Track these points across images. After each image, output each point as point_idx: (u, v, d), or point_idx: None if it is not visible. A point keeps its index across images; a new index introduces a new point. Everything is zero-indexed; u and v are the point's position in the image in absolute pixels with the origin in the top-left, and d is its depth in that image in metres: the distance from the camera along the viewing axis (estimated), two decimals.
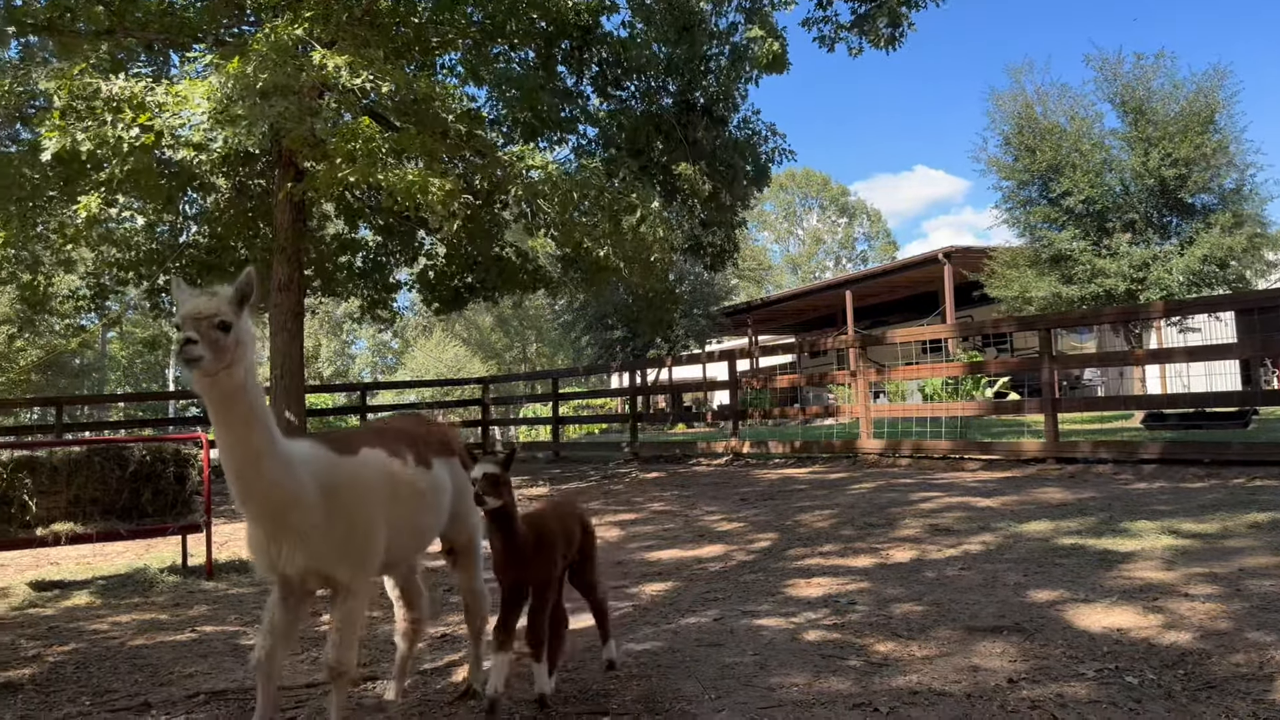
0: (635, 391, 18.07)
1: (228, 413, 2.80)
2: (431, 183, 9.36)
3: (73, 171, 9.85)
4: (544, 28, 13.00)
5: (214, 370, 2.74)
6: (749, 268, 62.32)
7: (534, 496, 10.53)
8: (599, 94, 14.05)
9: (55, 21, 11.09)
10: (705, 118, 13.29)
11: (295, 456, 2.97)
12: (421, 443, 3.50)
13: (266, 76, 8.60)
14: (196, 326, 2.71)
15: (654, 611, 4.78)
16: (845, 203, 76.15)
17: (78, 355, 40.84)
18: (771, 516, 7.81)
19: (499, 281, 15.72)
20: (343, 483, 3.07)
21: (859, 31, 12.33)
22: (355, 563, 3.10)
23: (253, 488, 2.85)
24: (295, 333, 13.13)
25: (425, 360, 56.46)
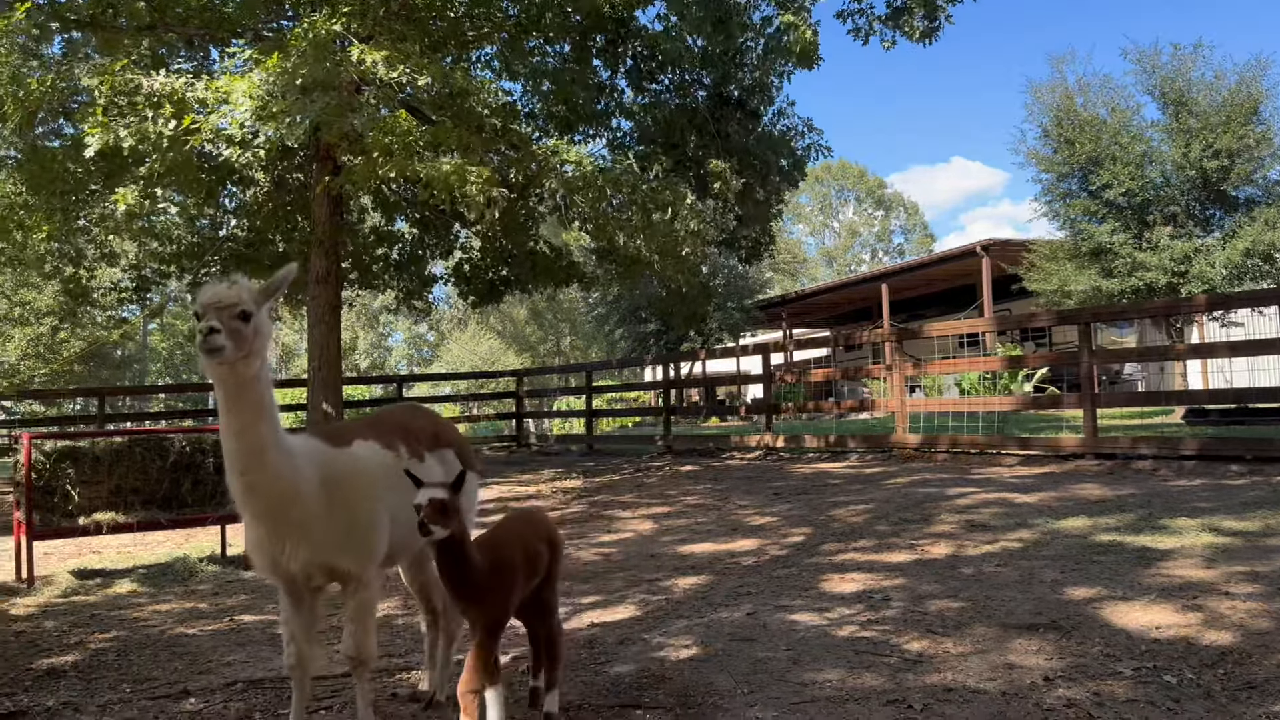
0: (668, 385, 18.05)
1: (239, 402, 2.82)
2: (469, 172, 9.41)
3: (114, 166, 10.01)
4: (579, 21, 13.00)
5: (233, 359, 2.76)
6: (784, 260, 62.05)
7: (567, 489, 10.57)
8: (633, 87, 14.04)
9: (98, 17, 11.26)
10: (739, 111, 13.24)
11: (297, 447, 2.99)
12: (413, 435, 3.47)
13: (306, 72, 8.69)
14: (219, 315, 2.74)
15: (686, 605, 4.78)
16: (882, 195, 75.52)
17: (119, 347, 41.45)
18: (805, 511, 7.78)
19: (533, 275, 15.77)
20: (341, 474, 3.07)
21: (894, 24, 12.20)
22: (360, 552, 3.09)
23: (257, 481, 2.84)
24: (333, 325, 13.26)
25: (460, 353, 56.78)
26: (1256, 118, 16.71)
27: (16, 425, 19.33)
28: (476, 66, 14.36)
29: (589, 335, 48.82)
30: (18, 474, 6.70)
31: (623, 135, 14.69)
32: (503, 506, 9.39)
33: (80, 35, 12.22)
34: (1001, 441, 11.28)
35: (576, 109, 13.50)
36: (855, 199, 75.60)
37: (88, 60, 10.95)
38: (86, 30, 11.73)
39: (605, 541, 6.94)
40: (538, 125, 14.16)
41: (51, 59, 11.13)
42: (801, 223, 74.69)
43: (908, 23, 11.91)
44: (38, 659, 4.39)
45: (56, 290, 18.06)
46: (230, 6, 12.25)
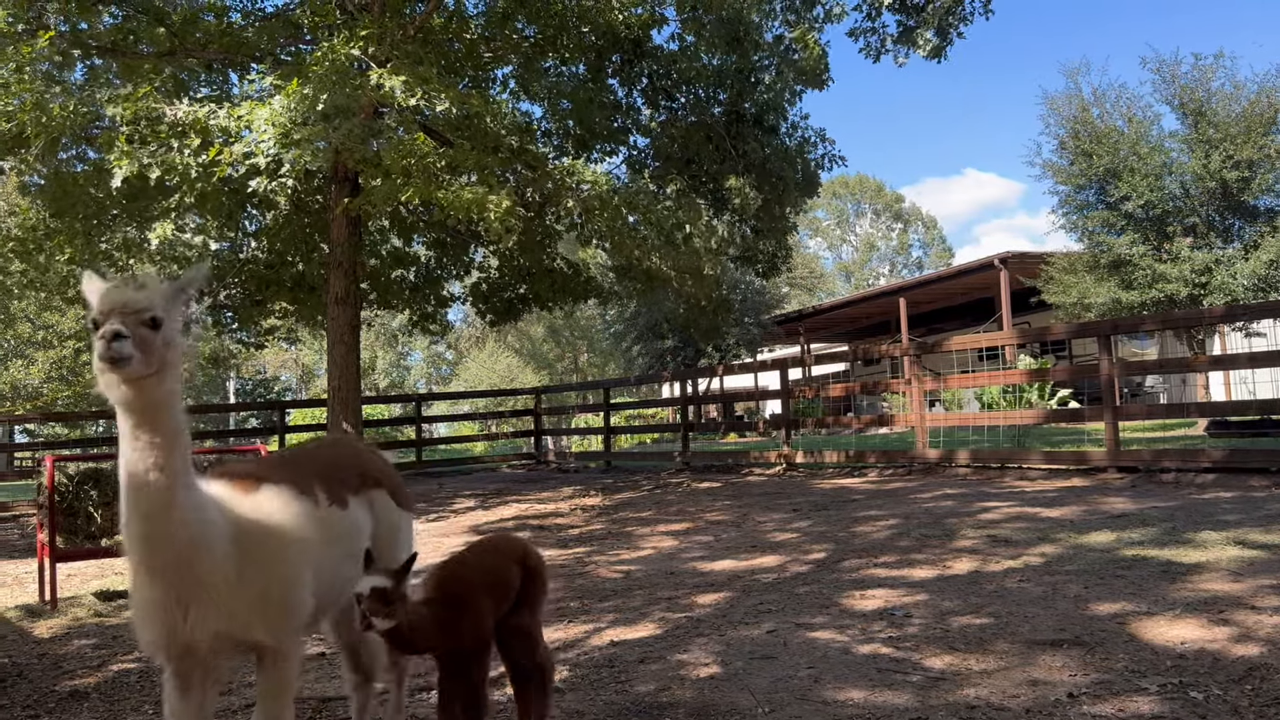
0: (686, 401, 18.05)
1: (147, 428, 2.32)
2: (490, 201, 9.48)
3: (136, 191, 10.15)
4: (595, 41, 13.13)
5: (140, 374, 2.28)
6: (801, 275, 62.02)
7: (587, 507, 10.57)
8: (649, 105, 14.13)
9: (119, 44, 11.46)
10: (755, 128, 13.30)
11: (205, 492, 2.50)
12: (335, 476, 2.97)
13: (326, 97, 8.80)
14: (125, 320, 2.26)
15: (706, 623, 4.77)
16: (900, 209, 75.44)
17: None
18: (826, 527, 7.75)
19: (551, 292, 15.86)
20: (255, 525, 2.58)
21: (906, 43, 12.25)
22: (276, 620, 2.58)
23: (158, 526, 2.32)
24: (352, 345, 13.37)
25: (479, 371, 57.03)
26: (1277, 127, 16.60)
27: (40, 448, 19.52)
28: (494, 87, 14.49)
29: (606, 352, 48.93)
30: (41, 496, 6.76)
31: (639, 153, 14.78)
32: (522, 525, 9.40)
33: (101, 62, 12.42)
34: (1023, 455, 11.21)
35: (592, 128, 13.60)
36: (873, 213, 75.55)
37: (109, 87, 11.13)
38: (108, 57, 11.93)
39: (625, 559, 6.93)
40: (554, 144, 14.27)
41: (74, 85, 11.32)
42: (819, 237, 74.72)
43: (919, 38, 11.96)
44: (61, 681, 4.42)
45: (79, 313, 18.25)
46: (249, 31, 12.43)
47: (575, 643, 4.54)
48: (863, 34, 12.49)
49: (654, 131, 14.24)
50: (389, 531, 3.11)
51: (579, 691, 3.73)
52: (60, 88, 10.15)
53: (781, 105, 13.29)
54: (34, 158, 10.92)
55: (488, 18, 13.55)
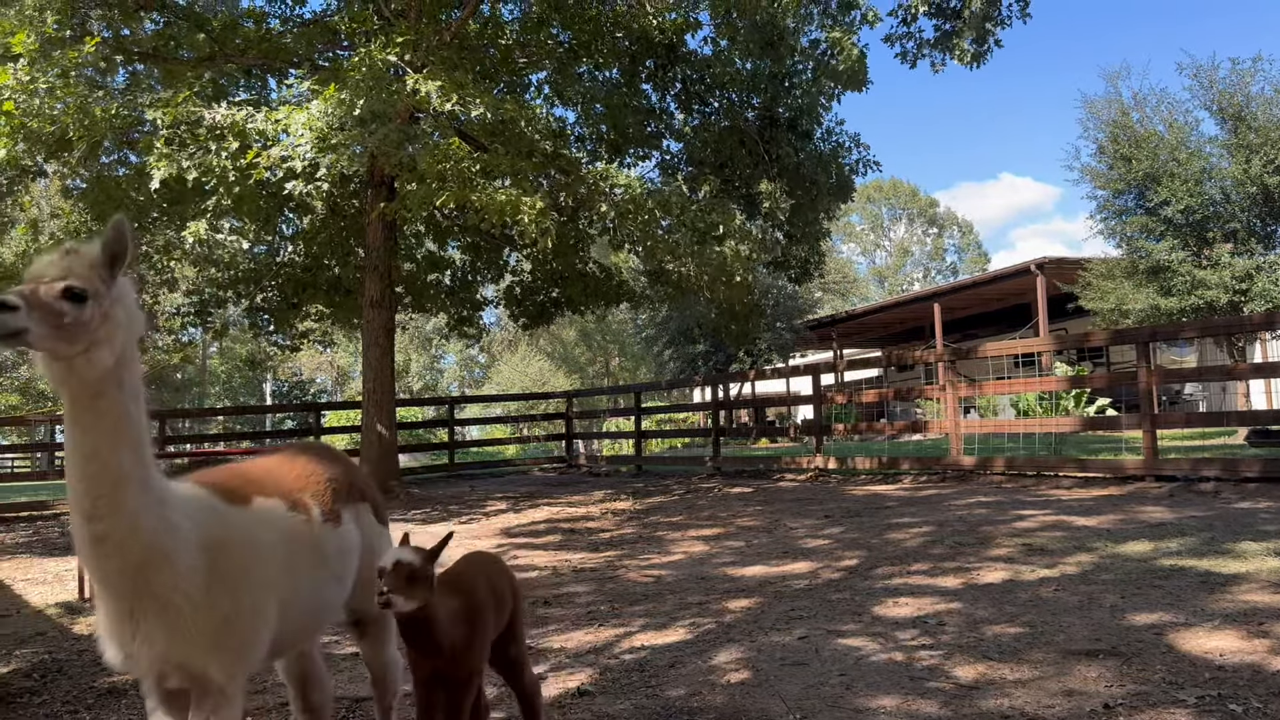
0: (718, 406, 18.01)
1: (87, 413, 2.05)
2: (524, 203, 9.54)
3: (176, 195, 10.32)
4: (629, 46, 13.17)
5: (65, 352, 2.02)
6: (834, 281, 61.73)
7: (618, 510, 10.58)
8: (683, 110, 14.15)
9: (160, 49, 11.67)
10: (789, 132, 13.28)
11: (172, 495, 2.21)
12: (328, 488, 2.68)
13: (363, 103, 8.90)
14: (26, 293, 1.99)
15: (738, 628, 4.76)
16: (934, 214, 74.86)
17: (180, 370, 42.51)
18: (858, 534, 7.71)
19: (583, 296, 15.92)
20: (232, 542, 2.28)
21: (942, 48, 12.16)
22: (234, 655, 2.25)
23: (107, 527, 2.04)
24: (386, 348, 13.50)
25: (511, 374, 57.25)
26: None
27: None
28: (528, 92, 14.59)
29: (637, 356, 48.95)
30: None
31: (672, 157, 14.80)
32: (553, 527, 9.43)
33: (143, 67, 12.64)
34: (1059, 463, 11.08)
35: (626, 132, 13.64)
36: (907, 218, 75.03)
37: (150, 92, 11.33)
38: (149, 62, 12.14)
39: (656, 563, 6.93)
40: (588, 149, 14.33)
41: (116, 90, 11.53)
42: (852, 242, 74.33)
43: (956, 46, 11.86)
44: (99, 677, 4.49)
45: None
46: (287, 38, 12.60)
47: (605, 646, 4.55)
48: (898, 40, 12.42)
49: (687, 136, 14.26)
50: (370, 550, 2.79)
51: (609, 695, 3.74)
52: (103, 92, 10.34)
53: (816, 109, 13.26)
54: (76, 161, 11.13)
55: (523, 23, 13.65)
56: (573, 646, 4.57)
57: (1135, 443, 10.90)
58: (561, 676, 4.04)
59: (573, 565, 7.04)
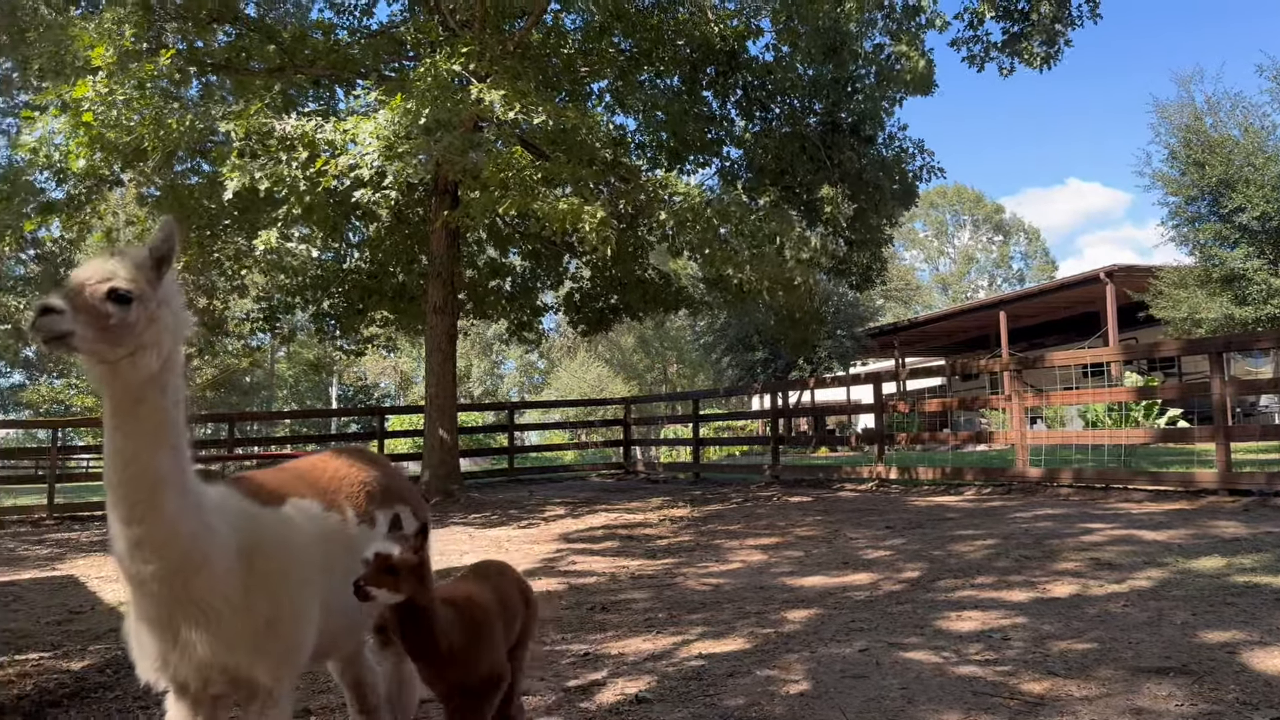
0: (777, 413, 17.90)
1: (127, 417, 2.04)
2: (585, 211, 9.61)
3: (247, 203, 10.58)
4: (690, 54, 13.20)
5: (109, 355, 2.01)
6: (896, 288, 61.00)
7: (675, 518, 10.57)
8: (743, 116, 14.13)
9: (232, 60, 11.99)
10: (851, 137, 13.17)
11: (208, 498, 2.20)
12: (361, 490, 2.67)
13: (429, 112, 9.04)
14: (71, 296, 1.98)
15: (797, 639, 4.72)
16: (1000, 220, 73.60)
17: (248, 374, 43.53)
18: (920, 545, 7.59)
19: (642, 303, 15.97)
20: (269, 544, 2.26)
21: (1010, 51, 11.94)
22: (279, 657, 2.24)
23: (144, 531, 2.03)
24: (449, 354, 13.67)
25: (570, 380, 57.58)
26: None
27: None
28: (589, 100, 14.69)
29: (695, 363, 48.91)
30: None
31: (732, 164, 14.78)
32: (611, 534, 9.45)
33: (215, 78, 12.99)
34: (1129, 476, 10.80)
35: (686, 139, 13.66)
36: (972, 224, 73.88)
37: (223, 103, 11.65)
38: (221, 73, 12.48)
39: (714, 571, 6.91)
40: (648, 156, 14.37)
41: (190, 101, 11.86)
42: (915, 249, 73.38)
43: (1026, 49, 11.63)
44: None
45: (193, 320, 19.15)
46: (354, 48, 12.86)
47: (663, 654, 4.54)
48: (965, 44, 12.23)
49: (747, 142, 14.22)
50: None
51: (667, 703, 3.73)
52: (178, 104, 10.64)
53: (879, 115, 13.13)
54: (152, 170, 11.46)
55: (585, 32, 13.76)
56: (631, 653, 4.57)
57: (1208, 455, 10.60)
58: (620, 683, 4.04)
59: (630, 572, 7.05)
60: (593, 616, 5.51)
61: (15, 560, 9.35)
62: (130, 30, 10.09)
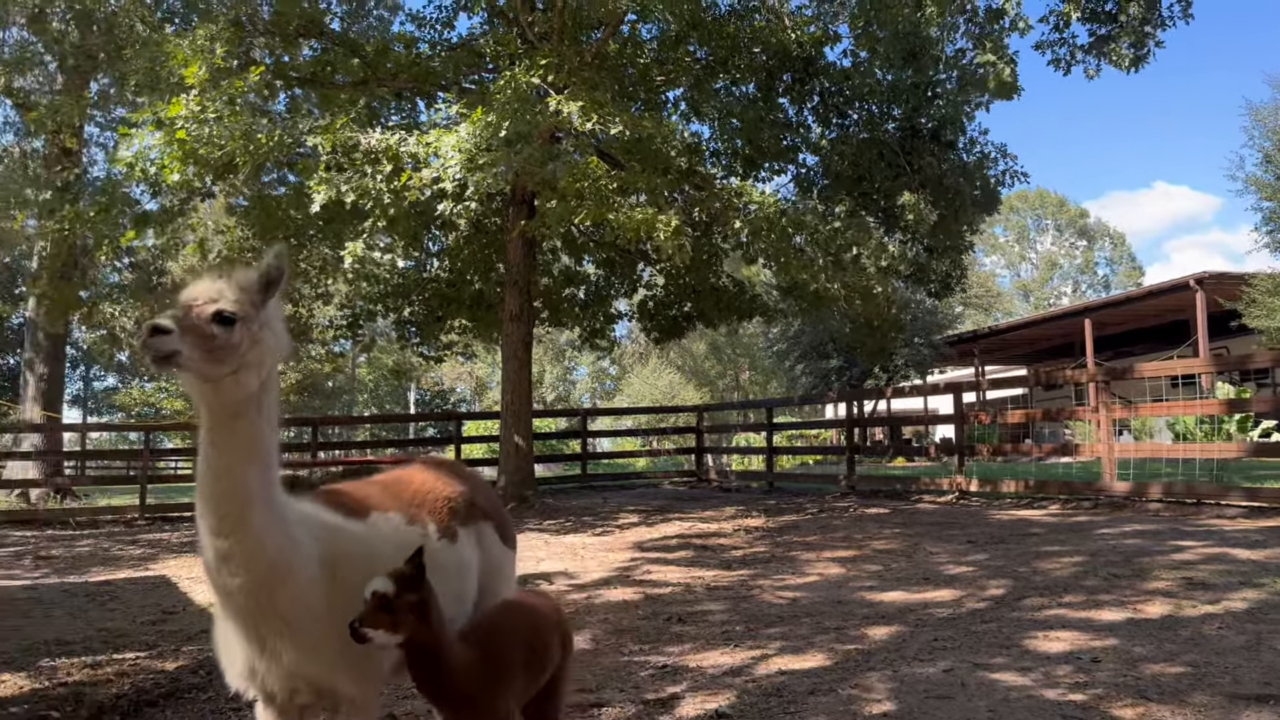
0: (852, 422, 17.68)
1: (225, 433, 2.11)
2: (660, 221, 9.64)
3: (334, 214, 10.84)
4: (766, 60, 13.17)
5: (206, 373, 2.08)
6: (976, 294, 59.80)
7: (750, 528, 10.51)
8: (820, 123, 14.02)
9: (318, 75, 12.32)
10: (932, 143, 12.96)
11: (294, 512, 2.24)
12: (444, 504, 2.64)
13: (509, 125, 9.17)
14: (178, 317, 2.06)
15: (878, 657, 4.65)
16: (1084, 225, 71.65)
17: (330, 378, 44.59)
18: (1004, 561, 7.42)
19: (716, 310, 15.94)
20: (352, 556, 2.28)
21: (1098, 54, 11.61)
22: (362, 668, 2.27)
23: (232, 544, 2.09)
24: (524, 361, 13.82)
25: (641, 387, 57.69)
26: None
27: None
28: (664, 109, 14.74)
29: (768, 370, 48.60)
30: None
31: (808, 171, 14.67)
32: (685, 543, 9.44)
33: (301, 92, 13.36)
34: (1222, 491, 10.41)
35: (761, 146, 13.61)
36: (1054, 229, 72.08)
37: (309, 116, 11.97)
38: (307, 87, 12.83)
39: (791, 584, 6.85)
40: (722, 164, 14.35)
41: (279, 116, 12.21)
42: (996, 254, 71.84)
43: (1114, 51, 11.29)
44: None
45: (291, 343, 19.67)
46: (435, 61, 13.10)
47: (742, 668, 4.52)
48: (1050, 46, 11.95)
49: (824, 149, 14.10)
50: (493, 569, 2.75)
51: (747, 719, 3.71)
52: (266, 119, 10.96)
53: (960, 120, 12.90)
54: (242, 182, 11.83)
55: (661, 41, 13.80)
56: (709, 666, 4.56)
57: None
58: (699, 697, 4.03)
59: (706, 583, 7.03)
60: (669, 628, 5.51)
61: (111, 560, 9.72)
62: (222, 48, 10.43)
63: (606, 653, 4.94)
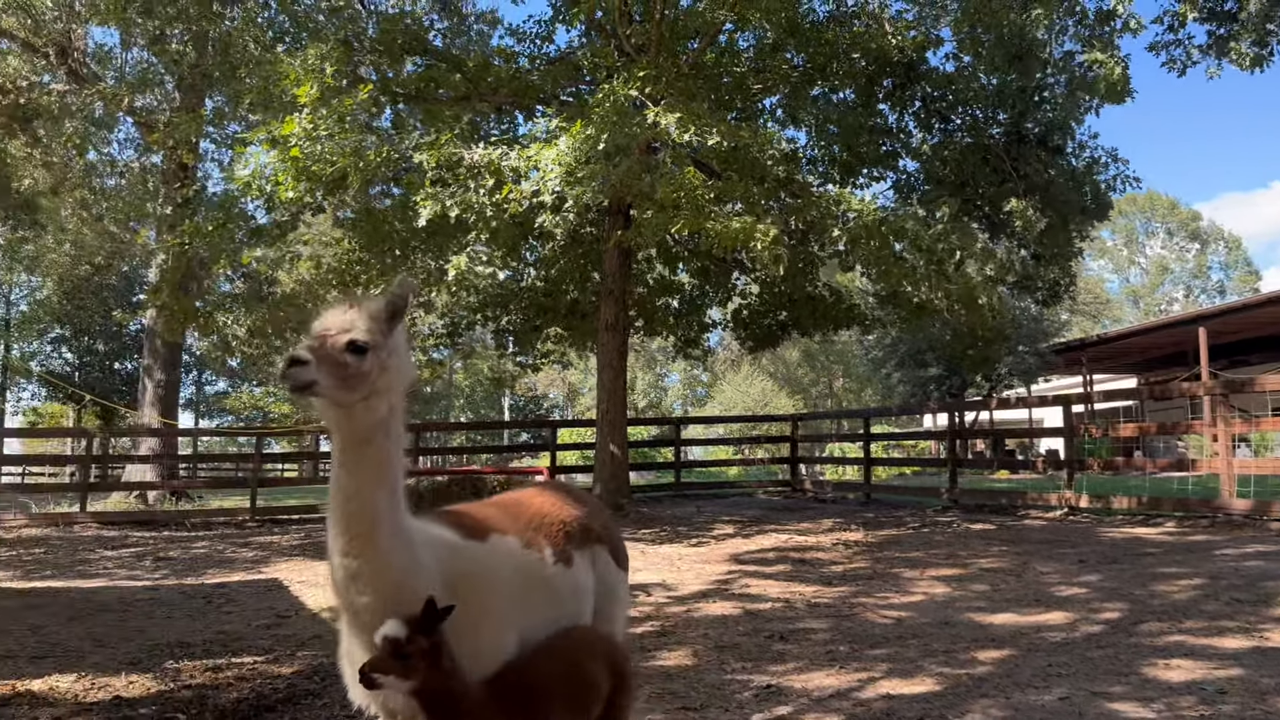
0: (955, 434, 17.25)
1: (355, 456, 2.18)
2: (758, 230, 9.60)
3: (437, 227, 11.08)
4: (865, 66, 12.98)
5: (339, 399, 2.16)
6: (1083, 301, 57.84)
7: (849, 542, 10.34)
8: (922, 128, 13.75)
9: (422, 91, 12.62)
10: (1039, 148, 12.58)
11: (418, 533, 2.28)
12: (560, 528, 2.63)
13: (607, 137, 9.24)
14: (314, 347, 2.15)
15: (990, 682, 4.51)
16: (1195, 228, 68.68)
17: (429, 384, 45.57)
18: (1118, 583, 7.14)
19: (812, 319, 15.77)
20: (472, 578, 2.31)
21: (1216, 54, 11.08)
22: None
23: (360, 564, 2.15)
24: (620, 370, 13.90)
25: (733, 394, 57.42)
26: None
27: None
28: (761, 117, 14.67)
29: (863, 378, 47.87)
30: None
31: (908, 177, 14.40)
32: (783, 556, 9.34)
33: (405, 108, 13.70)
34: None
35: (860, 153, 13.42)
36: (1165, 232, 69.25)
37: (414, 131, 12.27)
38: (411, 103, 13.15)
39: (895, 603, 6.71)
40: (819, 171, 14.19)
41: (386, 132, 12.55)
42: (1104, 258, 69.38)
43: (1233, 50, 10.75)
44: None
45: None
46: (534, 75, 13.29)
47: (848, 691, 4.44)
48: (1164, 48, 11.46)
49: (925, 155, 13.81)
50: (607, 592, 2.74)
51: None
52: (375, 136, 11.28)
53: (1068, 124, 12.47)
54: (352, 197, 12.19)
55: (758, 49, 13.74)
56: (814, 688, 4.49)
57: None
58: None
59: (806, 599, 6.94)
60: (771, 646, 5.46)
61: (225, 562, 10.10)
62: (332, 67, 10.76)
63: (709, 670, 4.91)
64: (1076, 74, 11.67)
